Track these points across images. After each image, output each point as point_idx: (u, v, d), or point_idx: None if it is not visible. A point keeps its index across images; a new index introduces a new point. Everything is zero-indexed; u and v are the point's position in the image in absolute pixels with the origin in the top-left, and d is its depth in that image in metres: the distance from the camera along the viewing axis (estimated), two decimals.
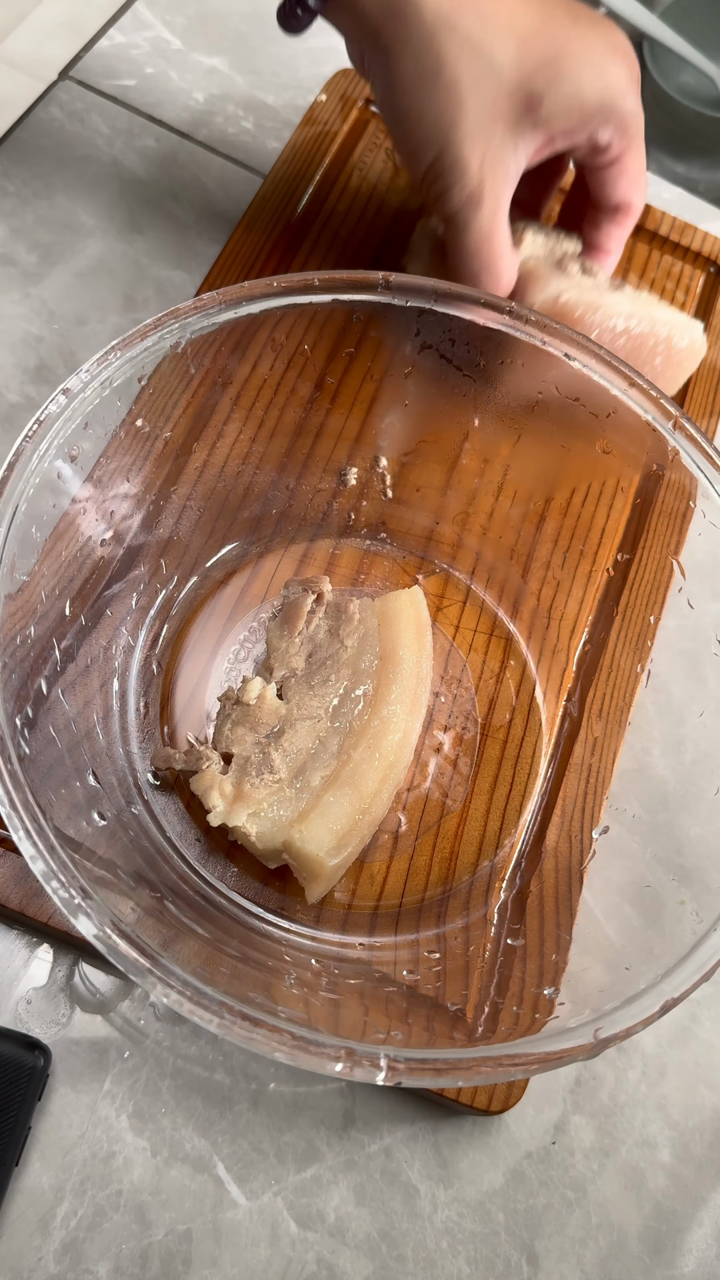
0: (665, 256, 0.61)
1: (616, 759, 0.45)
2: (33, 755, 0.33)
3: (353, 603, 0.46)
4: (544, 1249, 0.41)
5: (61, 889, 0.31)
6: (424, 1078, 0.30)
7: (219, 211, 0.60)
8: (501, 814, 0.45)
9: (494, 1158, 0.42)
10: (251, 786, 0.41)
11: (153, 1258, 0.39)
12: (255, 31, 0.66)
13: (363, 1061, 0.30)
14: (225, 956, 0.36)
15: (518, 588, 0.49)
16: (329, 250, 0.57)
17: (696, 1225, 0.42)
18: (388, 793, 0.43)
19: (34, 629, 0.37)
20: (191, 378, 0.42)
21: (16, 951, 0.42)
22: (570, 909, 0.42)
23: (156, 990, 0.30)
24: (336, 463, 0.49)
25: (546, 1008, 0.38)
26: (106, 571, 0.43)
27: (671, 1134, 0.43)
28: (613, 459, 0.45)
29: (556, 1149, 0.42)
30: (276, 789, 0.41)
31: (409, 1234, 0.40)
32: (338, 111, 0.60)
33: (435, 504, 0.50)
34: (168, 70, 0.64)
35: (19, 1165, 0.39)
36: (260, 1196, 0.40)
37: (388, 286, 0.41)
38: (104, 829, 0.37)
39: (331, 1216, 0.40)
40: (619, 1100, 0.44)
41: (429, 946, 0.42)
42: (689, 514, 0.43)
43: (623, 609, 0.48)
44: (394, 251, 0.57)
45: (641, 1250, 0.41)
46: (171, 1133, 0.40)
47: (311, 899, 0.41)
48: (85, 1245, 0.38)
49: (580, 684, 0.47)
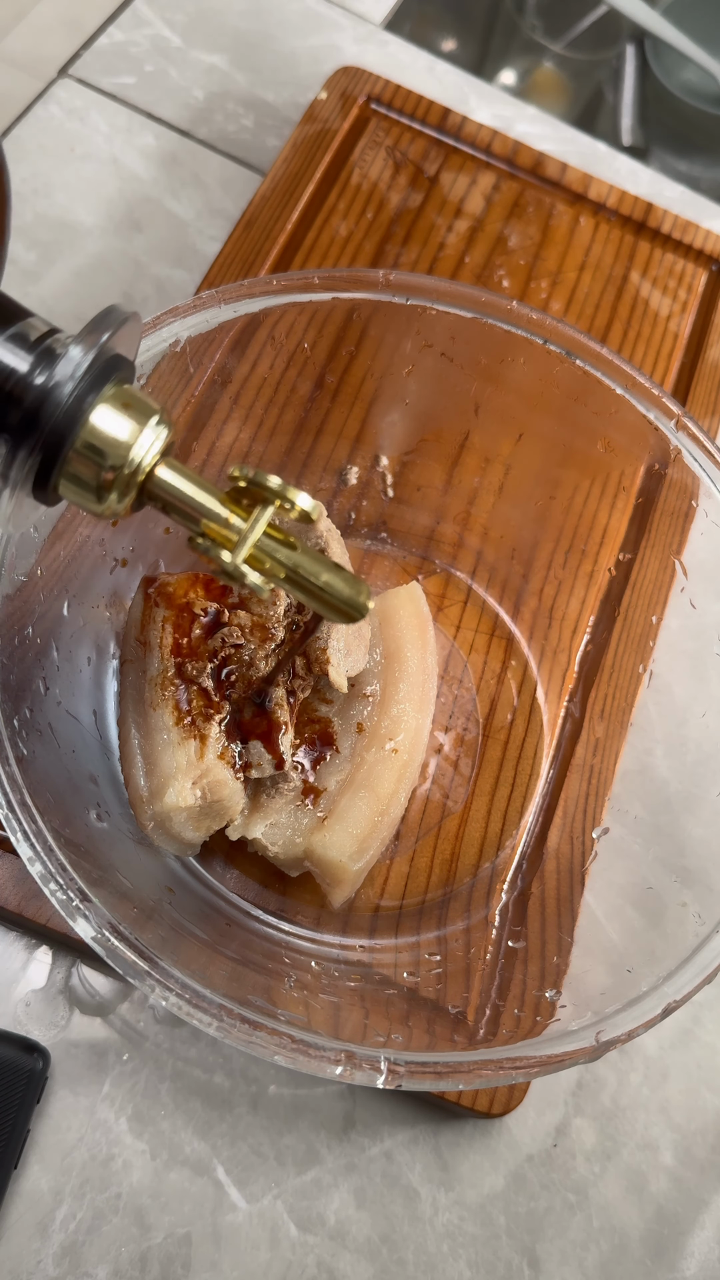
0: (667, 254, 0.61)
1: (618, 760, 0.45)
2: (31, 756, 0.33)
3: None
4: (545, 1252, 0.41)
5: (60, 891, 0.31)
6: (425, 1081, 0.30)
7: (218, 209, 0.59)
8: (503, 815, 0.45)
9: (495, 1161, 0.42)
10: (268, 797, 0.40)
11: (152, 1261, 0.38)
12: (255, 29, 0.66)
13: (363, 1065, 0.30)
14: (224, 959, 0.36)
15: (519, 588, 0.49)
16: (329, 248, 0.56)
17: (699, 1228, 0.42)
18: (404, 792, 0.42)
19: (32, 629, 0.37)
20: (191, 376, 0.42)
21: (15, 953, 0.42)
22: (572, 911, 0.42)
23: (155, 993, 0.30)
24: (337, 462, 0.49)
25: (548, 1010, 0.38)
26: (104, 572, 0.43)
27: (674, 1137, 0.43)
28: (615, 457, 0.44)
29: (558, 1152, 0.42)
30: (293, 797, 0.41)
31: (410, 1237, 0.40)
32: (338, 109, 0.60)
33: (436, 503, 0.50)
34: (167, 68, 0.64)
35: (18, 1168, 0.39)
36: (260, 1199, 0.40)
37: (388, 284, 0.40)
38: (103, 831, 0.37)
39: (332, 1220, 0.40)
40: (621, 1103, 0.43)
41: (430, 949, 0.41)
42: (691, 513, 0.42)
43: (625, 609, 0.48)
44: (394, 249, 0.57)
45: (643, 1253, 0.41)
46: (171, 1135, 0.40)
47: (335, 904, 0.41)
48: (84, 1248, 0.38)
49: (582, 684, 0.47)
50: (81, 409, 0.26)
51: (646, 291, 0.59)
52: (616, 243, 0.60)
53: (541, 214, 0.60)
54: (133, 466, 0.27)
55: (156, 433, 0.27)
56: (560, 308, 0.58)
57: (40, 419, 0.26)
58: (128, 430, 0.27)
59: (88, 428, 0.26)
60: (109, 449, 0.26)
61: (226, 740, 0.39)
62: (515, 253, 0.59)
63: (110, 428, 0.26)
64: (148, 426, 0.27)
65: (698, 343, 0.58)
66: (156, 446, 0.27)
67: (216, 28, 0.66)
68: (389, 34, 0.68)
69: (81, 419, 0.26)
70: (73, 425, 0.26)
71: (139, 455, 0.27)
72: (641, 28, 0.80)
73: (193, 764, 0.38)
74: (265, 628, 0.40)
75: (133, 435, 0.27)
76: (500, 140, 0.61)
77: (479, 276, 0.58)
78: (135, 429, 0.27)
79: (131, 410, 0.27)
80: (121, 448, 0.26)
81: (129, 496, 0.27)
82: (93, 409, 0.26)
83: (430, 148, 0.60)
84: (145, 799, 0.38)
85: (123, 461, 0.27)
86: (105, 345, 0.26)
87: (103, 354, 0.26)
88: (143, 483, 0.27)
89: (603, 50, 0.84)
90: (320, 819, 0.41)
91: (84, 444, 0.26)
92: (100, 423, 0.26)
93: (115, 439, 0.26)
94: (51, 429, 0.26)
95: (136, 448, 0.27)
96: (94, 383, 0.26)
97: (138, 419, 0.27)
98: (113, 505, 0.27)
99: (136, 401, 0.27)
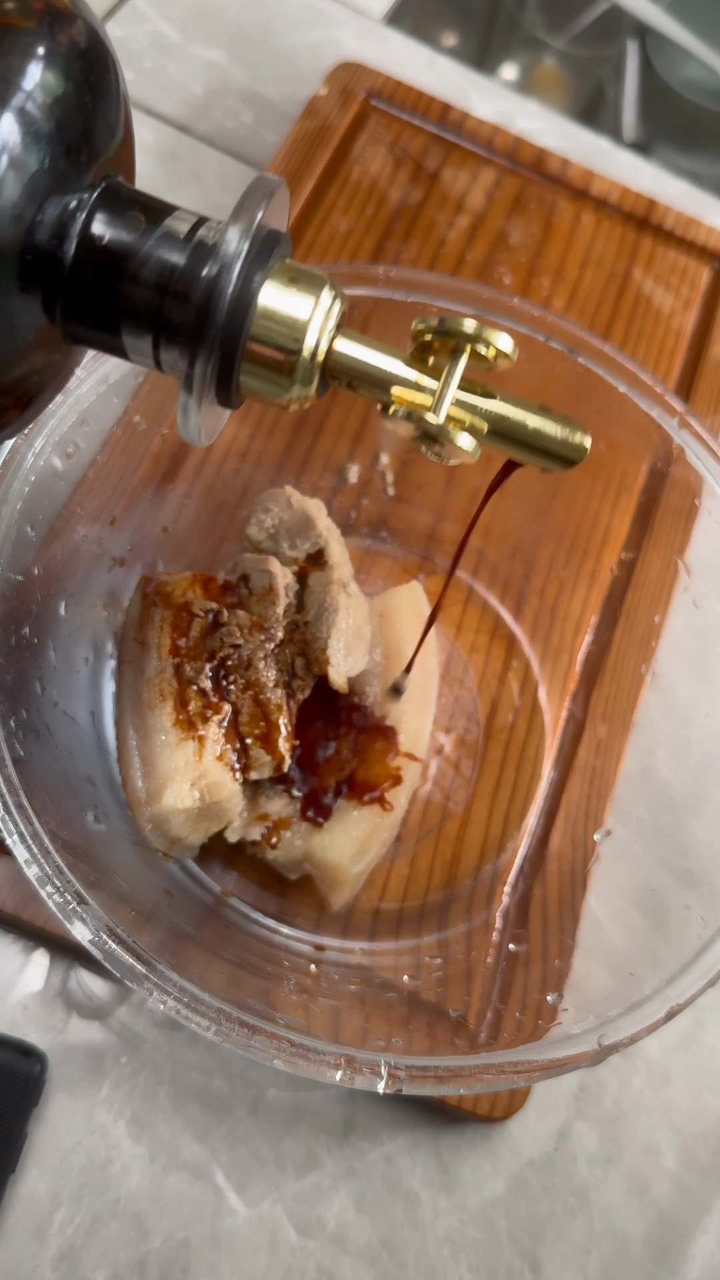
0: (670, 251, 0.60)
1: (621, 761, 0.45)
2: (27, 757, 0.33)
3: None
4: (547, 1256, 0.40)
5: (57, 893, 0.30)
6: (425, 1085, 0.30)
7: (218, 206, 0.59)
8: (504, 817, 0.45)
9: (496, 1165, 0.41)
10: (267, 799, 0.40)
11: (150, 1266, 0.38)
12: (254, 24, 0.66)
13: (363, 1069, 0.30)
14: (223, 962, 0.36)
15: (520, 587, 0.49)
16: (329, 244, 0.56)
17: (701, 1232, 0.42)
18: (405, 794, 0.42)
19: (29, 629, 0.37)
20: None
21: (12, 957, 0.42)
22: (574, 913, 0.41)
23: (153, 996, 0.30)
24: (337, 460, 0.49)
25: (550, 1014, 0.37)
26: (103, 570, 0.42)
27: (676, 1140, 0.43)
28: (617, 456, 0.44)
29: (559, 1156, 0.42)
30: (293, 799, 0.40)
31: (410, 1242, 0.40)
32: (338, 105, 0.60)
33: (437, 502, 0.49)
34: (165, 63, 0.63)
35: (15, 1172, 0.38)
36: (259, 1204, 0.39)
37: (389, 280, 0.40)
38: (101, 833, 0.37)
39: (332, 1224, 0.40)
40: (623, 1106, 0.43)
41: (430, 952, 0.41)
42: (694, 512, 0.42)
43: (627, 609, 0.48)
44: (395, 245, 0.56)
45: (645, 1257, 0.41)
46: (169, 1139, 0.40)
47: (335, 907, 0.41)
48: (82, 1253, 0.38)
49: (584, 685, 0.47)
50: (250, 292, 0.25)
51: (649, 288, 0.59)
52: (619, 239, 0.60)
53: (543, 210, 0.60)
54: (314, 342, 0.25)
55: (331, 303, 0.26)
56: (562, 304, 0.58)
57: (211, 311, 0.24)
58: (301, 305, 0.25)
59: (261, 310, 0.25)
60: (288, 328, 0.25)
61: (225, 741, 0.38)
62: (517, 249, 0.58)
63: (284, 306, 0.25)
64: (321, 297, 0.25)
65: (700, 340, 0.58)
66: (334, 318, 0.26)
67: (215, 23, 0.65)
68: (389, 29, 0.68)
69: (253, 303, 0.25)
70: (246, 311, 0.25)
71: (318, 330, 0.25)
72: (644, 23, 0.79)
73: (191, 765, 0.37)
74: (264, 628, 0.39)
75: (308, 310, 0.25)
76: (501, 136, 0.60)
77: (480, 273, 0.57)
78: (310, 302, 0.25)
79: (300, 284, 0.25)
80: (299, 326, 0.25)
81: (315, 378, 0.26)
82: (261, 290, 0.25)
83: (431, 143, 0.60)
84: (143, 800, 0.38)
85: (302, 339, 0.25)
86: (260, 223, 0.25)
87: (260, 231, 0.25)
88: (324, 360, 0.26)
89: (605, 46, 0.83)
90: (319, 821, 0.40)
91: (261, 328, 0.25)
92: (272, 302, 0.25)
93: (291, 317, 0.25)
94: (226, 319, 0.24)
95: (314, 322, 0.25)
96: (256, 262, 0.25)
97: (309, 291, 0.25)
98: (299, 390, 0.26)
99: (303, 274, 0.25)
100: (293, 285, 0.25)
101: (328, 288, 0.26)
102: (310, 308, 0.25)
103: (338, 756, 0.42)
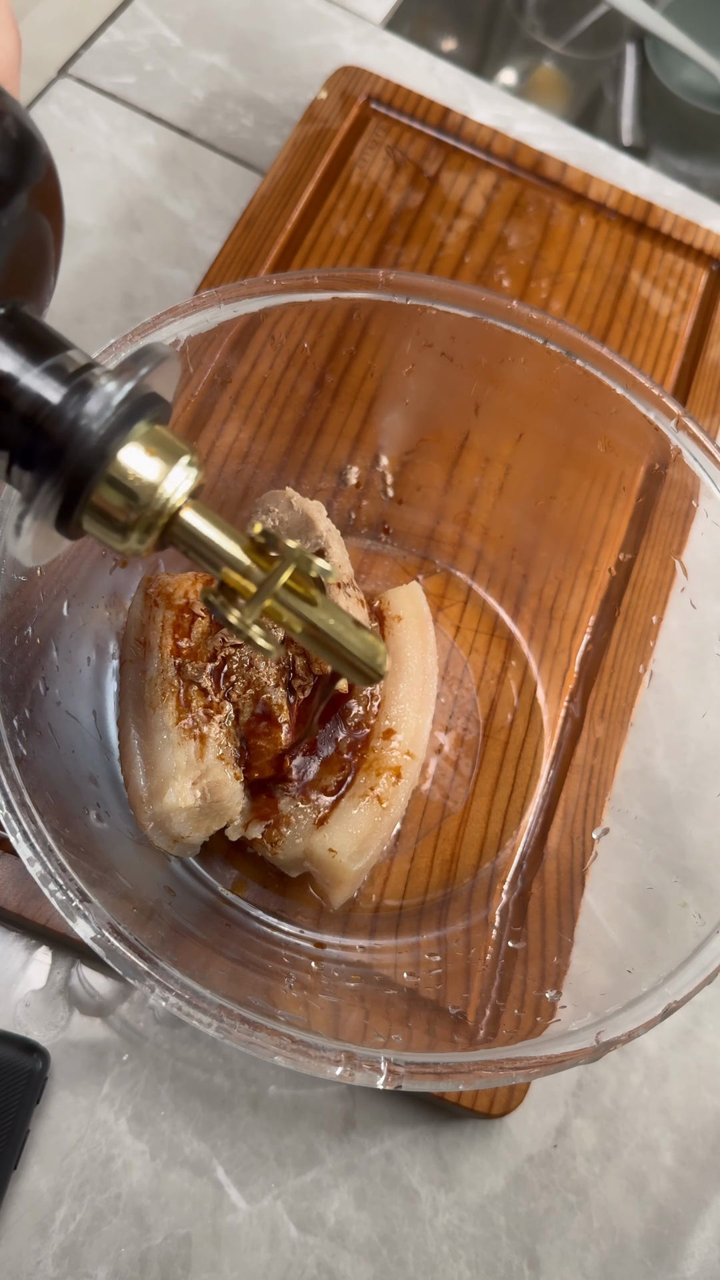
0: (668, 254, 0.61)
1: (619, 760, 0.45)
2: (30, 756, 0.33)
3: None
4: (545, 1253, 0.41)
5: (59, 891, 0.31)
6: (425, 1082, 0.30)
7: (218, 209, 0.59)
8: (503, 816, 0.45)
9: (495, 1161, 0.42)
10: (267, 797, 0.40)
11: (152, 1262, 0.38)
12: (255, 28, 0.66)
13: (363, 1065, 0.30)
14: (224, 959, 0.36)
15: (519, 588, 0.49)
16: (329, 248, 0.56)
17: (699, 1229, 0.42)
18: (404, 792, 0.42)
19: (32, 629, 0.37)
20: (190, 376, 0.42)
21: (15, 954, 0.42)
22: (572, 911, 0.42)
23: (155, 993, 0.30)
24: (337, 462, 0.49)
25: (548, 1011, 0.38)
26: (104, 572, 0.43)
27: (674, 1137, 0.43)
28: (615, 457, 0.44)
29: (558, 1152, 0.42)
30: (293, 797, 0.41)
31: (410, 1238, 0.40)
32: (338, 109, 0.60)
33: (436, 503, 0.49)
34: (167, 67, 0.64)
35: (17, 1169, 0.39)
36: (260, 1200, 0.40)
37: (388, 284, 0.40)
38: (103, 831, 0.37)
39: (332, 1220, 0.40)
40: (621, 1103, 0.43)
41: (430, 949, 0.41)
42: (691, 513, 0.42)
43: (625, 609, 0.48)
44: (394, 248, 0.57)
45: (644, 1254, 0.41)
46: (171, 1136, 0.40)
47: (334, 905, 0.41)
48: (84, 1249, 0.38)
49: (582, 684, 0.47)
50: (110, 445, 0.25)
51: (647, 291, 0.59)
52: (617, 242, 0.60)
53: (542, 214, 0.60)
54: (158, 507, 0.26)
55: (186, 474, 0.27)
56: (560, 307, 0.58)
57: (67, 453, 0.25)
58: (156, 470, 0.26)
59: (115, 465, 0.26)
60: (134, 488, 0.26)
61: (226, 741, 0.39)
62: (515, 252, 0.59)
63: (138, 467, 0.26)
64: (176, 467, 0.26)
65: (698, 342, 0.58)
66: (184, 489, 0.27)
67: (216, 27, 0.66)
68: (389, 33, 0.68)
69: (109, 456, 0.26)
70: (99, 461, 0.25)
71: (165, 496, 0.26)
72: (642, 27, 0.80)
73: (192, 764, 0.38)
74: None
75: (160, 475, 0.26)
76: (500, 140, 0.61)
77: (479, 276, 0.58)
78: (164, 469, 0.26)
79: (162, 450, 0.26)
80: (147, 488, 0.26)
81: (152, 536, 0.27)
82: (122, 446, 0.26)
83: (430, 147, 0.60)
84: (145, 799, 0.38)
85: (148, 501, 0.26)
86: (140, 383, 0.26)
87: (137, 391, 0.26)
88: (166, 524, 0.27)
89: (603, 50, 0.84)
90: (321, 818, 0.41)
91: (109, 481, 0.26)
92: (128, 461, 0.26)
93: (142, 478, 0.26)
94: (78, 463, 0.25)
95: (163, 488, 0.26)
96: (125, 420, 0.25)
97: (167, 459, 0.26)
98: (134, 544, 0.27)
99: (167, 442, 0.27)
100: (154, 450, 0.26)
101: (186, 460, 0.26)
102: (161, 475, 0.26)
103: (337, 755, 0.42)
